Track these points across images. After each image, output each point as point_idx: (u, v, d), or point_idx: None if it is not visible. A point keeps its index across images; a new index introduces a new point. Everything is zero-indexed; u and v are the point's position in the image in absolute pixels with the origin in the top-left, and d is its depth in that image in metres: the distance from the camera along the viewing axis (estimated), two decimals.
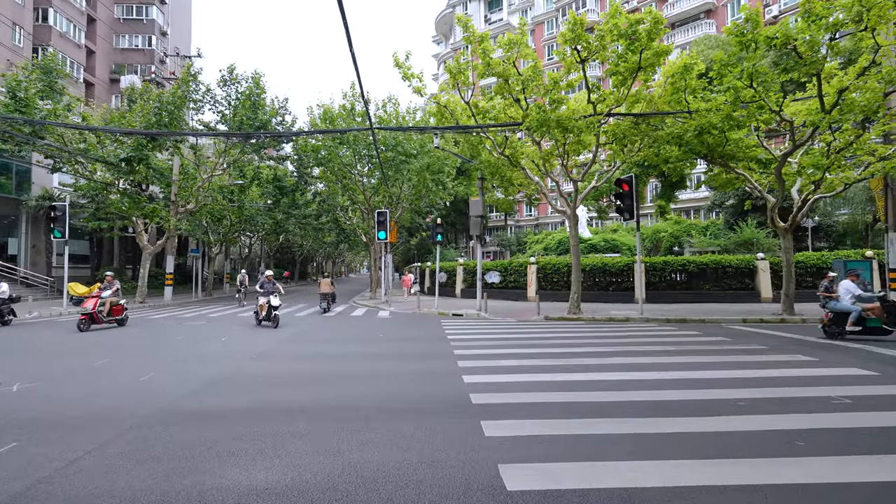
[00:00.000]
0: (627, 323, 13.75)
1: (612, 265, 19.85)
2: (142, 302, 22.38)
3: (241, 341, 10.55)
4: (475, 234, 17.05)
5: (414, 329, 12.90)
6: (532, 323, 14.12)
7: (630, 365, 7.34)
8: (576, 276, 15.38)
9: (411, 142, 22.36)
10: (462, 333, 11.55)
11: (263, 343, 10.15)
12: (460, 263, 25.25)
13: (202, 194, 23.17)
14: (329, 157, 23.11)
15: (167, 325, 13.91)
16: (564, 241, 27.16)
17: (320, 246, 55.73)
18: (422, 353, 8.88)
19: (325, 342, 10.48)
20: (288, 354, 8.82)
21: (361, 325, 13.91)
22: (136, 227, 22.11)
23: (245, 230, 34.42)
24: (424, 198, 25.19)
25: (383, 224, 21.16)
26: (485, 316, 16.32)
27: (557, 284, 20.99)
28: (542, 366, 7.33)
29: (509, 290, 22.38)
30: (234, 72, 20.49)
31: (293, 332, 12.23)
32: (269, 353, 8.80)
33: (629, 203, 14.75)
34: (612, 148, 14.32)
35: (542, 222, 53.14)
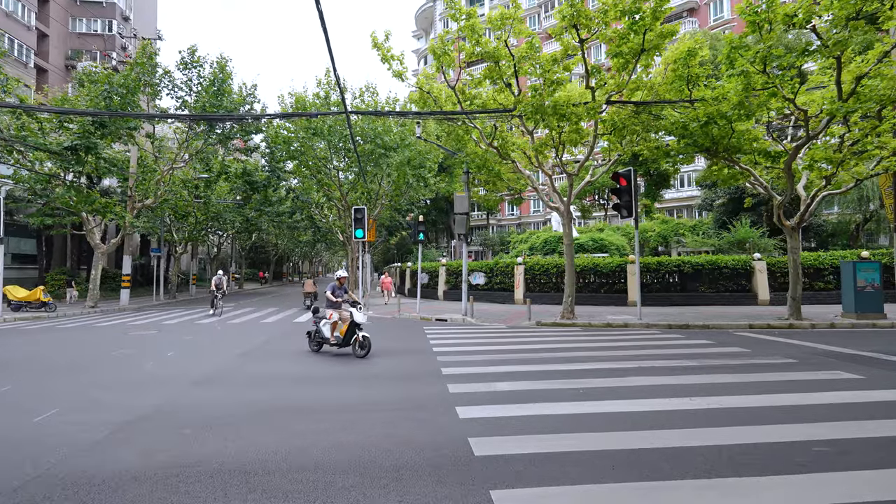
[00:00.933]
0: (627, 329, 12.65)
1: (603, 266, 18.83)
2: (93, 306, 20.36)
3: (190, 357, 8.99)
4: (460, 233, 15.77)
5: (394, 338, 11.52)
6: (524, 330, 12.90)
7: (655, 389, 6.14)
8: (570, 277, 14.25)
9: (391, 134, 20.92)
10: (449, 344, 10.23)
11: (213, 360, 8.62)
12: (443, 264, 23.93)
13: (162, 188, 21.23)
14: (302, 149, 21.47)
15: (109, 335, 12.18)
16: (551, 240, 26.13)
17: (296, 245, 53.63)
18: (404, 372, 7.52)
19: (290, 357, 9.02)
20: (240, 376, 7.34)
21: None
22: (86, 224, 20.07)
23: (213, 228, 32.35)
24: (405, 194, 23.79)
25: (360, 221, 19.66)
26: (471, 321, 15.05)
27: (546, 286, 19.89)
28: (550, 391, 6.06)
29: (495, 293, 21.18)
30: (195, 53, 18.67)
31: (256, 343, 10.70)
32: (217, 375, 7.30)
33: (628, 199, 13.67)
34: (609, 139, 13.21)
35: (524, 221, 52.29)
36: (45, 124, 17.33)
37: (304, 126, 20.19)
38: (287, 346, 10.27)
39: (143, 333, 12.48)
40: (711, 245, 22.75)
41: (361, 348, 8.70)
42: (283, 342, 10.96)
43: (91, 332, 12.95)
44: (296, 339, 11.41)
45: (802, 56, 9.81)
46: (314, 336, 9.34)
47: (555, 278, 19.81)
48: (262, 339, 11.42)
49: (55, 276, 24.99)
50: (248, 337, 11.79)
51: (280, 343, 10.82)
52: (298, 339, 11.32)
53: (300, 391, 6.30)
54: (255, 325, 14.41)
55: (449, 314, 16.57)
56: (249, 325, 14.64)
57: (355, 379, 6.95)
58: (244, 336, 12.00)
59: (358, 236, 19.82)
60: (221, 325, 14.35)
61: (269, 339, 11.32)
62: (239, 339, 11.54)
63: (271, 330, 13.22)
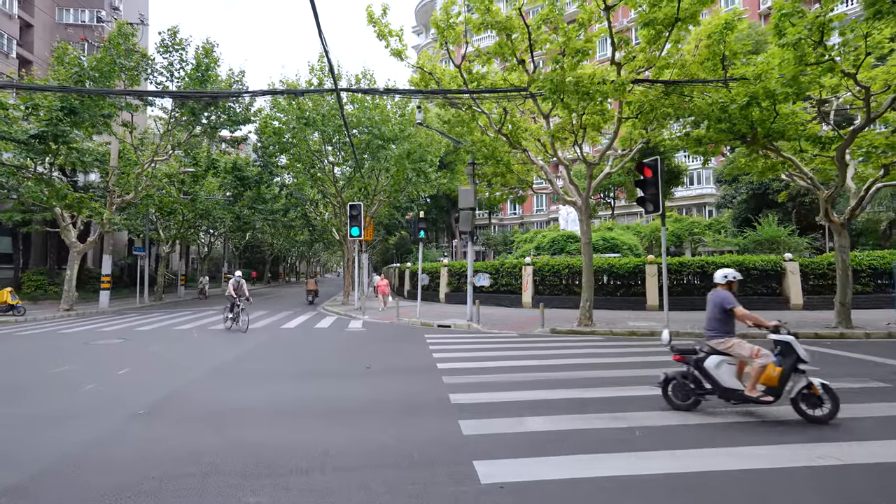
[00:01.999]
0: (656, 339, 11.17)
1: (619, 267, 17.35)
2: (68, 309, 18.87)
3: (145, 375, 7.51)
4: (465, 231, 14.30)
5: (391, 351, 10.04)
6: (538, 339, 11.41)
7: (734, 432, 4.66)
8: (588, 279, 12.78)
9: (389, 124, 19.44)
10: (455, 358, 8.75)
11: (171, 381, 7.13)
12: (445, 264, 22.45)
13: (144, 183, 19.73)
14: (294, 140, 19.98)
15: (65, 345, 10.69)
16: (559, 239, 24.65)
17: (292, 245, 52.08)
18: (403, 400, 6.03)
19: (264, 378, 7.53)
20: (201, 403, 5.86)
21: (323, 345, 10.97)
22: (60, 221, 18.57)
23: (202, 226, 30.83)
24: (404, 190, 22.29)
25: (357, 219, 18.20)
26: (477, 328, 13.56)
27: (556, 288, 18.41)
28: (595, 433, 4.59)
29: (501, 295, 19.70)
30: (176, 35, 17.16)
31: (231, 356, 9.21)
32: (166, 405, 5.81)
33: (654, 192, 12.18)
34: (634, 124, 11.73)
35: (527, 221, 50.83)
36: (12, 111, 15.84)
37: (296, 115, 18.70)
38: (266, 362, 8.78)
39: (106, 343, 10.98)
40: (735, 244, 21.28)
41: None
42: (264, 355, 9.47)
43: (48, 341, 11.45)
44: (276, 350, 9.92)
45: (874, 20, 8.31)
46: None
47: (566, 280, 18.34)
48: (240, 349, 9.93)
49: (32, 277, 23.49)
50: (227, 347, 10.30)
51: (260, 356, 9.33)
52: (279, 351, 9.84)
53: (266, 432, 4.81)
54: (237, 332, 12.92)
55: (452, 319, 15.09)
56: (233, 331, 13.15)
57: (342, 413, 5.47)
58: (222, 345, 10.52)
59: (354, 234, 18.38)
60: (200, 333, 12.86)
61: (250, 351, 9.83)
62: (215, 349, 10.05)
63: (254, 338, 11.73)
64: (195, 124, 18.48)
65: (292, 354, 9.51)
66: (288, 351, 9.90)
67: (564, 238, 24.61)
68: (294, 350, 10.02)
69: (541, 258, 19.48)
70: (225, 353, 9.54)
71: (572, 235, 24.71)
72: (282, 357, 9.22)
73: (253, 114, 20.12)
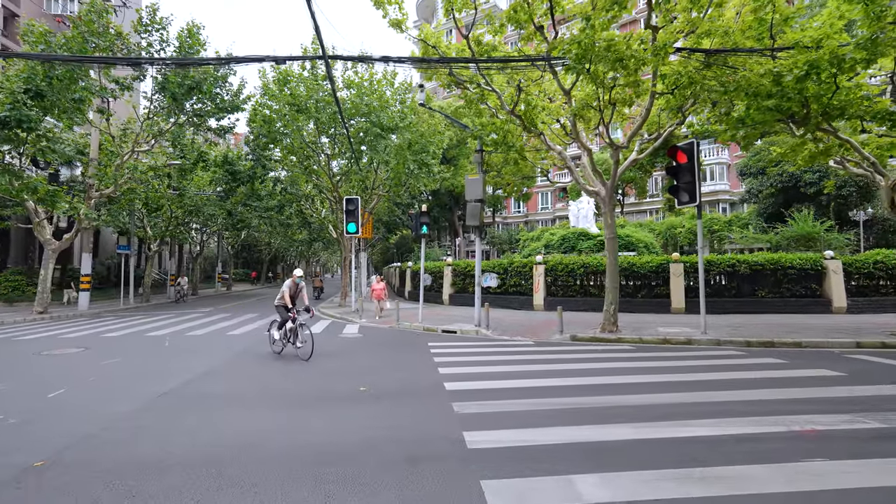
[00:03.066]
0: (693, 348, 9.68)
1: (640, 266, 15.85)
2: (42, 312, 17.45)
3: (80, 399, 6.04)
4: (473, 225, 12.81)
5: (389, 363, 8.56)
6: (558, 348, 9.92)
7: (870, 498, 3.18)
8: (613, 279, 11.29)
9: (388, 111, 17.94)
10: (465, 375, 7.28)
11: (109, 408, 5.67)
12: (448, 263, 20.97)
13: (124, 176, 18.28)
14: (287, 130, 18.50)
15: (12, 355, 9.23)
16: (570, 237, 23.13)
17: (290, 244, 50.58)
18: (407, 438, 4.55)
19: (231, 403, 6.06)
20: (122, 451, 4.39)
21: (314, 354, 9.49)
22: (32, 216, 17.14)
23: (193, 223, 29.39)
24: (405, 184, 20.79)
25: (353, 214, 16.77)
26: (486, 334, 12.08)
27: (571, 290, 16.92)
28: (677, 501, 3.11)
29: (510, 297, 18.21)
30: (156, 13, 15.70)
31: (192, 373, 7.75)
32: (87, 446, 4.34)
33: (689, 180, 10.73)
34: (667, 102, 10.21)
35: (532, 219, 49.33)
36: None
37: (287, 101, 17.22)
38: (234, 382, 7.31)
39: (61, 353, 9.53)
40: (766, 241, 19.73)
41: None
42: (235, 370, 7.99)
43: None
44: (253, 363, 8.45)
45: None
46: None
47: (581, 280, 16.84)
48: (208, 362, 8.46)
49: (10, 277, 22.07)
50: (192, 360, 8.83)
51: (227, 373, 7.86)
52: (258, 365, 8.37)
53: (210, 499, 3.33)
54: (217, 338, 11.45)
55: (458, 324, 13.61)
56: (211, 337, 11.69)
57: (319, 464, 3.99)
58: (190, 358, 9.05)
59: (350, 231, 16.97)
60: (173, 340, 11.40)
61: (220, 364, 8.36)
62: (178, 362, 8.58)
63: (232, 346, 10.26)
64: (178, 112, 17.00)
65: (271, 369, 8.03)
66: (266, 365, 8.43)
67: (576, 235, 23.10)
68: (274, 363, 8.54)
69: (553, 257, 17.99)
70: (188, 367, 8.07)
71: (584, 233, 23.20)
72: (257, 372, 7.74)
73: (243, 101, 18.66)
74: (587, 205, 25.26)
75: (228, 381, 7.04)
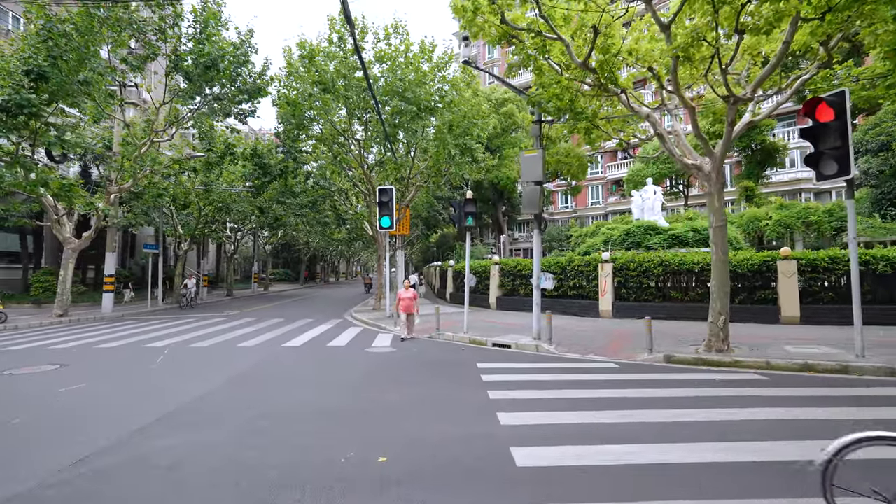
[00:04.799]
0: (858, 381, 6.73)
1: (739, 264, 12.74)
2: (61, 315, 16.38)
3: (49, 428, 4.04)
4: (533, 213, 10.27)
5: (425, 401, 6.17)
6: (653, 376, 7.23)
7: None
8: (722, 282, 8.52)
9: (425, 87, 15.63)
10: (539, 427, 4.78)
11: (73, 446, 3.59)
12: (495, 262, 18.45)
13: (147, 170, 16.95)
14: (315, 114, 16.58)
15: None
16: (635, 231, 20.08)
17: (329, 243, 49.44)
18: None
19: (172, 484, 3.87)
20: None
21: (325, 380, 7.26)
22: (48, 213, 16.07)
23: (227, 221, 28.30)
24: (445, 173, 18.46)
25: (387, 206, 14.63)
26: (549, 350, 9.53)
27: (645, 293, 14.03)
28: None
29: (569, 300, 15.49)
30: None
31: (168, 409, 5.67)
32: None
33: (838, 144, 7.72)
34: (812, 33, 7.25)
35: (581, 215, 45.83)
36: None
37: (314, 80, 15.28)
38: (200, 431, 5.14)
39: (26, 373, 7.79)
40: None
41: None
42: (212, 409, 5.86)
43: None
44: (246, 395, 6.28)
45: None
46: None
47: (660, 282, 13.92)
48: (192, 393, 6.39)
49: (41, 278, 21.45)
50: (178, 385, 6.82)
51: (200, 413, 5.73)
52: (252, 392, 6.18)
53: None
54: (221, 353, 9.51)
55: (512, 335, 11.11)
56: (216, 351, 9.77)
57: None
58: (173, 383, 7.05)
59: (384, 225, 14.83)
60: (172, 353, 9.55)
61: (199, 397, 6.27)
62: (155, 392, 6.58)
63: (234, 365, 8.23)
64: (194, 94, 15.39)
65: (268, 406, 5.85)
66: (264, 398, 6.27)
67: (642, 229, 20.02)
68: (274, 396, 6.37)
69: (624, 254, 15.10)
70: (158, 402, 6.02)
71: (652, 226, 20.09)
72: (243, 409, 5.57)
73: (266, 83, 16.91)
74: (653, 194, 22.04)
75: (191, 432, 4.88)
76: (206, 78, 14.84)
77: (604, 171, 45.92)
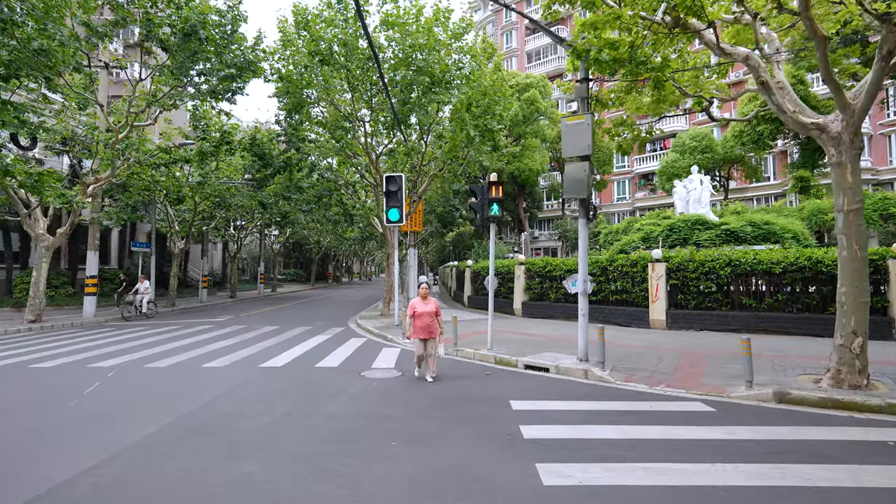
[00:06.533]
0: None
1: (831, 263, 10.15)
2: (33, 321, 14.61)
3: None
4: (576, 198, 7.90)
5: (432, 484, 3.86)
6: (771, 424, 4.81)
7: None
8: (857, 290, 6.08)
9: (438, 54, 13.34)
10: None
11: None
12: (520, 261, 16.08)
13: (120, 157, 15.04)
14: (309, 88, 14.45)
15: None
16: (681, 226, 17.47)
17: (341, 242, 47.53)
18: None
19: None
20: None
21: (294, 432, 5.01)
22: (16, 206, 14.30)
23: (229, 218, 26.44)
24: (463, 160, 16.17)
25: (395, 196, 12.50)
26: (603, 376, 7.18)
27: (708, 300, 11.50)
28: None
29: (610, 307, 13.03)
30: None
31: (20, 497, 3.49)
32: None
33: None
34: None
35: (606, 211, 43.00)
36: None
37: (309, 50, 13.14)
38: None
39: None
40: None
41: None
42: (119, 487, 3.65)
43: None
44: (182, 458, 4.07)
45: None
46: None
47: (728, 286, 11.38)
48: (99, 454, 4.23)
49: (25, 279, 19.80)
50: (88, 437, 4.68)
51: (101, 495, 3.53)
52: (191, 456, 3.95)
53: None
54: (180, 377, 7.39)
55: (548, 353, 8.77)
56: (174, 374, 7.65)
57: None
58: (76, 438, 4.90)
59: (392, 219, 12.72)
60: (119, 376, 7.46)
61: (115, 457, 4.09)
62: (37, 458, 4.43)
63: (189, 398, 6.08)
64: (178, 70, 13.31)
65: (192, 485, 3.66)
66: (179, 481, 4.07)
67: (689, 224, 17.42)
68: (199, 478, 4.17)
69: (681, 252, 12.55)
70: (36, 468, 3.87)
71: (700, 220, 17.46)
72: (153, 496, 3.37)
73: (260, 58, 14.80)
74: (699, 184, 19.37)
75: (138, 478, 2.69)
76: (186, 49, 12.79)
77: (630, 165, 43.07)
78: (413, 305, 7.28)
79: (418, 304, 7.27)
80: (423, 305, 7.23)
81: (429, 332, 7.12)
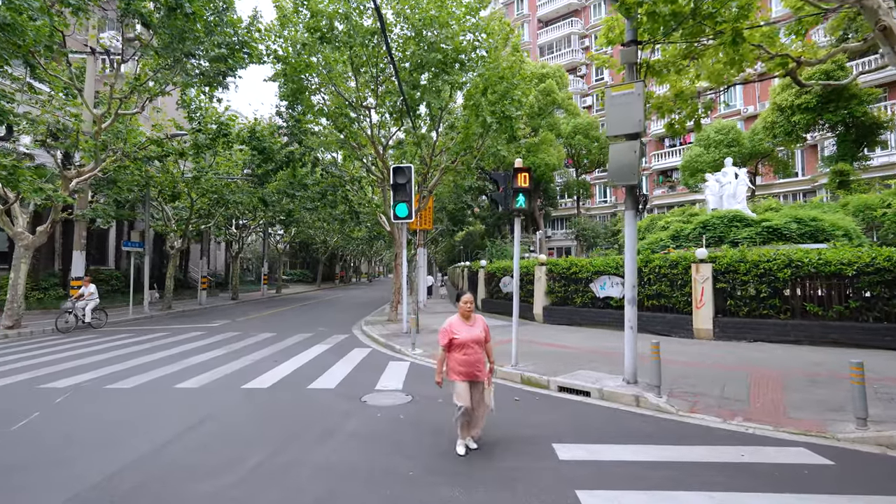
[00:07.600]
0: None
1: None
2: (11, 326, 13.50)
3: None
4: (625, 185, 6.48)
5: None
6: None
7: None
8: None
9: (450, 27, 11.94)
10: None
11: None
12: (541, 261, 14.63)
13: (104, 149, 13.85)
14: (309, 70, 13.14)
15: None
16: (715, 223, 15.94)
17: (348, 242, 46.28)
18: None
19: None
20: None
21: (267, 496, 3.67)
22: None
23: (230, 216, 25.27)
24: (478, 150, 14.77)
25: (404, 190, 11.18)
26: (659, 404, 5.73)
27: (763, 306, 9.95)
28: None
29: (647, 314, 11.45)
30: None
31: None
32: None
33: None
34: None
35: (620, 210, 41.28)
36: None
37: (308, 27, 11.82)
38: None
39: None
40: None
41: None
42: None
43: None
44: None
45: None
46: None
47: (786, 290, 9.84)
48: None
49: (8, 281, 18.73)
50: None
51: None
52: None
53: None
54: (147, 401, 6.09)
55: (585, 371, 7.33)
56: (141, 396, 6.36)
57: None
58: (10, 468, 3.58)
59: (400, 215, 11.40)
60: (69, 403, 6.18)
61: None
62: None
63: (139, 439, 4.77)
64: (165, 51, 12.05)
65: None
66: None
67: (725, 220, 15.89)
68: None
69: (729, 252, 10.96)
70: None
71: (738, 216, 15.92)
72: None
73: (256, 39, 13.52)
74: (734, 178, 17.78)
75: None
76: (172, 26, 11.54)
77: (648, 161, 41.37)
78: (450, 329, 4.44)
79: (459, 326, 4.47)
80: (467, 329, 4.46)
81: (477, 370, 4.39)
